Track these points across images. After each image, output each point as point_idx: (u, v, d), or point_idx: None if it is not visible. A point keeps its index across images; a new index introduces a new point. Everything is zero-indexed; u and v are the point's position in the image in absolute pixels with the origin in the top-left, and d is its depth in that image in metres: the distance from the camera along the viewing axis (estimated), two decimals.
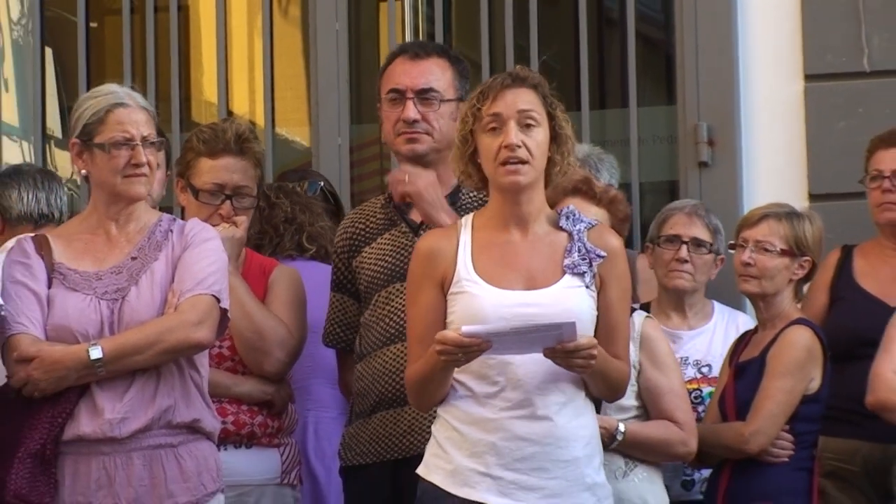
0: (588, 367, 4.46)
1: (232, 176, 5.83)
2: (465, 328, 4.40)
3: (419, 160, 5.54)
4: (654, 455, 5.42)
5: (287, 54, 9.86)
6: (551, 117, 4.68)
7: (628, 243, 5.97)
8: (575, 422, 4.65)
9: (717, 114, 7.93)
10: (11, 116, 9.55)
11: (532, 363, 4.53)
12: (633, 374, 5.10)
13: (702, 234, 6.37)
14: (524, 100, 4.62)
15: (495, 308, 4.53)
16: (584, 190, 5.33)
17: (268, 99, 8.93)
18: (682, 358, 6.08)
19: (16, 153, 9.25)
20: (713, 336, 6.49)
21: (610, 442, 5.04)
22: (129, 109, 5.10)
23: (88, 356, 4.67)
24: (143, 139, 5.03)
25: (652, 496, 5.36)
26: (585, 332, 4.42)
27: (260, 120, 9.12)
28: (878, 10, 8.21)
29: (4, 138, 9.24)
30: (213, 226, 5.40)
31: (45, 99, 9.04)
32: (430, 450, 4.74)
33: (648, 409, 5.38)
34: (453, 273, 4.67)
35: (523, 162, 4.50)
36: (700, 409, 6.03)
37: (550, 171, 4.71)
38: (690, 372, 6.26)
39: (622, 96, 8.79)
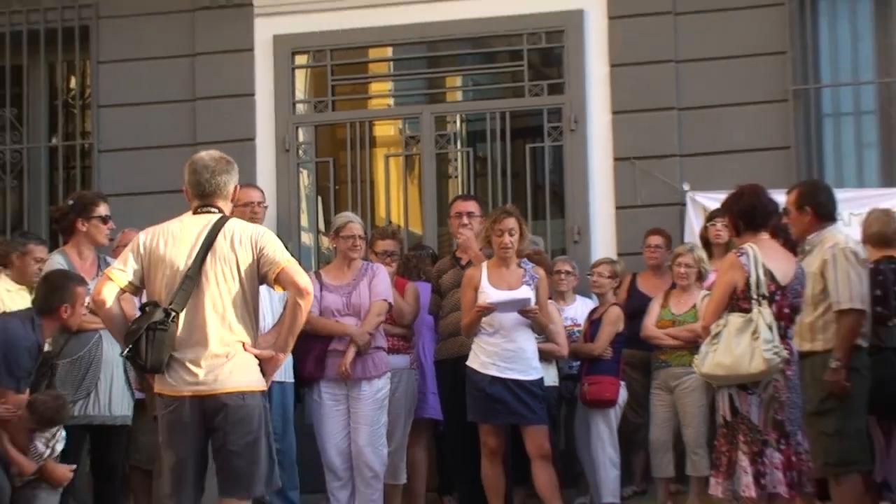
0: (536, 319, 8.96)
1: (391, 246, 10.06)
2: (486, 301, 8.83)
3: (469, 241, 9.65)
4: (552, 356, 9.76)
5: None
6: (520, 227, 8.98)
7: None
8: (528, 343, 9.07)
9: None
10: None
11: (510, 318, 8.98)
12: None
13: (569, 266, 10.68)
14: (510, 223, 8.91)
15: (496, 295, 8.85)
16: (531, 255, 9.56)
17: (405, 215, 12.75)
18: (564, 317, 10.32)
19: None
20: (577, 309, 10.73)
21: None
22: (352, 224, 9.42)
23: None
24: (359, 237, 9.35)
25: (552, 369, 9.73)
26: (532, 305, 8.91)
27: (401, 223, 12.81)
28: None
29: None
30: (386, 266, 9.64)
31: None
32: (471, 353, 9.07)
33: (549, 337, 9.58)
34: (479, 283, 9.02)
35: (509, 248, 8.92)
36: (573, 338, 10.24)
37: (520, 246, 9.04)
38: (567, 322, 10.39)
39: None
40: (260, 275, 6.41)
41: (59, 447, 7.65)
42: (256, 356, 6.42)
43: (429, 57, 12.88)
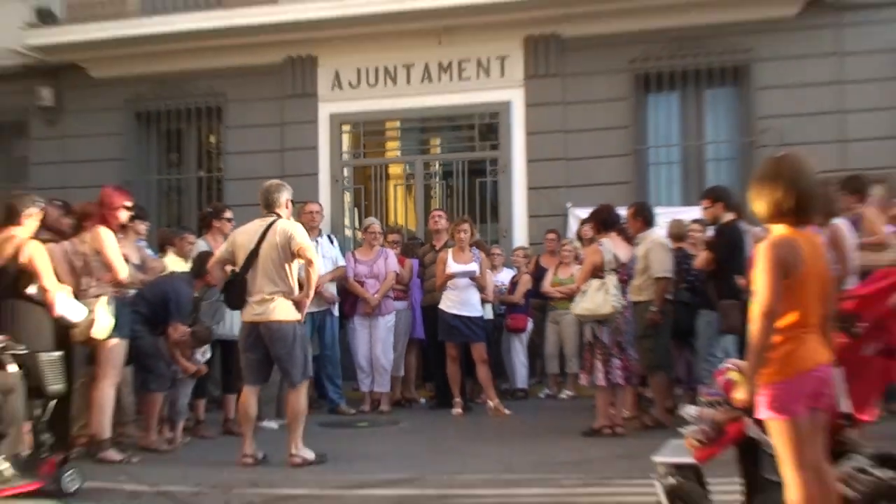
0: (478, 281, 8.96)
1: (396, 238, 9.96)
2: (450, 271, 9.02)
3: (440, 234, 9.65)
4: (487, 301, 9.39)
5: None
6: (471, 228, 9.09)
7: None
8: (474, 295, 9.06)
9: None
10: None
11: (463, 281, 8.98)
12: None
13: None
14: (465, 226, 9.03)
15: (455, 268, 9.00)
16: (477, 243, 9.46)
17: (405, 219, 12.52)
18: (495, 280, 10.02)
19: None
20: (504, 276, 10.36)
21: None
22: (374, 224, 9.45)
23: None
24: (378, 232, 9.42)
25: (489, 308, 9.54)
26: (476, 274, 9.01)
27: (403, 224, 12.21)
28: None
29: None
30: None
31: None
32: (441, 301, 9.07)
33: (485, 291, 9.25)
34: (446, 260, 9.00)
35: (464, 240, 8.92)
36: (501, 292, 10.10)
37: (471, 240, 9.08)
38: (498, 283, 10.10)
39: None
40: (291, 252, 6.49)
41: (207, 356, 7.77)
42: (293, 300, 6.54)
43: (421, 127, 12.78)
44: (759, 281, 3.15)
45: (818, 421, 3.18)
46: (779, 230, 3.20)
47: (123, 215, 6.91)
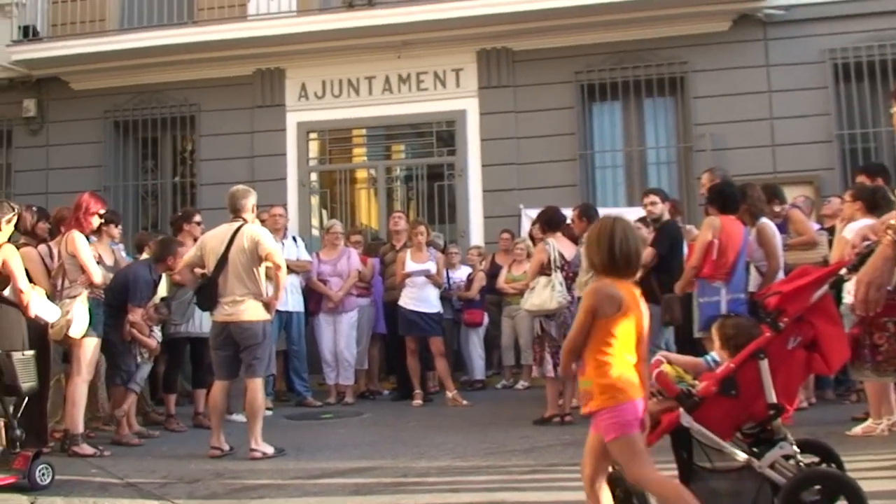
0: (433, 279, 8.79)
1: (358, 238, 9.78)
2: (407, 270, 8.88)
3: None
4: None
5: None
6: (426, 230, 8.88)
7: None
8: (431, 292, 8.89)
9: None
10: None
11: (420, 279, 8.80)
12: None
13: None
14: (421, 228, 8.83)
15: (413, 267, 8.87)
16: (432, 243, 9.27)
17: (368, 220, 13.61)
18: (453, 277, 9.95)
19: None
20: (461, 273, 10.16)
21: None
22: (336, 226, 9.42)
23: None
24: (340, 233, 9.40)
25: (447, 306, 9.51)
26: (433, 273, 8.88)
27: (368, 224, 12.45)
28: None
29: None
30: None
31: None
32: (401, 297, 8.86)
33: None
34: (405, 260, 8.83)
35: (420, 241, 8.74)
36: (459, 289, 9.99)
37: (427, 240, 8.89)
38: (456, 280, 10.02)
39: None
40: (258, 256, 6.38)
41: (158, 337, 7.54)
42: (263, 302, 6.42)
43: (384, 135, 12.65)
44: (576, 319, 3.38)
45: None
46: (603, 280, 3.37)
47: (96, 221, 6.74)
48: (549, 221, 7.85)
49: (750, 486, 3.41)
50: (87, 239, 6.65)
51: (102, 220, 6.93)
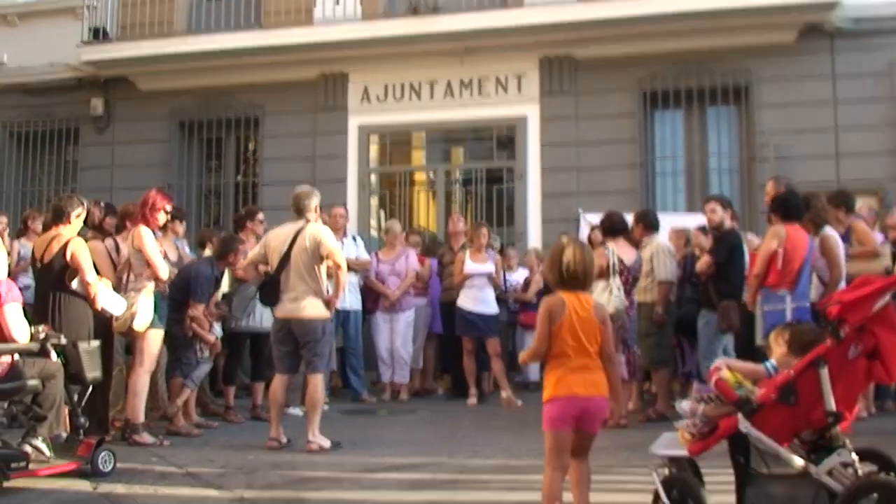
0: (493, 280, 8.83)
1: (417, 239, 9.79)
2: (467, 271, 8.89)
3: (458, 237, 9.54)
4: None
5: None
6: (488, 232, 8.90)
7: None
8: (490, 293, 8.89)
9: None
10: None
11: (480, 280, 8.79)
12: None
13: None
14: (483, 230, 8.88)
15: (472, 268, 8.89)
16: (491, 245, 9.20)
17: (427, 222, 12.39)
18: (510, 279, 9.94)
19: None
20: (519, 275, 10.14)
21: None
22: (394, 227, 9.63)
23: None
24: (398, 234, 9.35)
25: (504, 308, 9.52)
26: (492, 274, 8.91)
27: (426, 226, 12.03)
28: None
29: None
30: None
31: None
32: (459, 297, 8.89)
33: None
34: (464, 261, 8.85)
35: (482, 243, 8.76)
36: (517, 291, 9.95)
37: (487, 242, 8.89)
38: (513, 283, 10.00)
39: None
40: (319, 255, 6.44)
41: (219, 334, 7.69)
42: (323, 300, 6.48)
43: (444, 139, 12.75)
44: (536, 329, 3.81)
45: (580, 437, 3.73)
46: (557, 294, 3.79)
47: (162, 217, 6.87)
48: (611, 226, 7.84)
49: (806, 493, 3.38)
50: (153, 234, 6.77)
51: (168, 217, 7.06)
